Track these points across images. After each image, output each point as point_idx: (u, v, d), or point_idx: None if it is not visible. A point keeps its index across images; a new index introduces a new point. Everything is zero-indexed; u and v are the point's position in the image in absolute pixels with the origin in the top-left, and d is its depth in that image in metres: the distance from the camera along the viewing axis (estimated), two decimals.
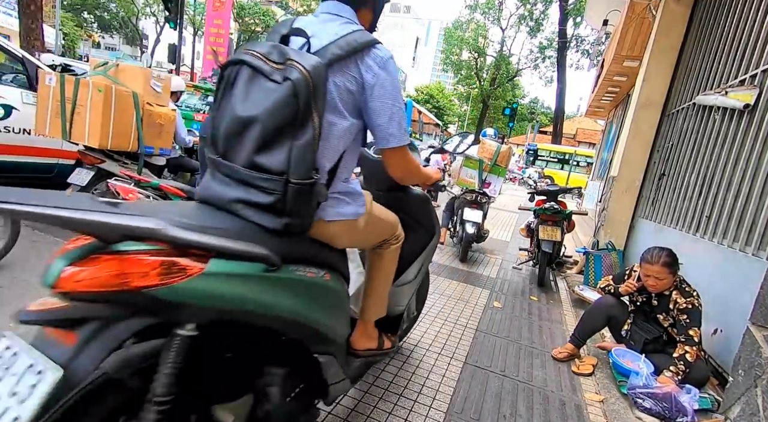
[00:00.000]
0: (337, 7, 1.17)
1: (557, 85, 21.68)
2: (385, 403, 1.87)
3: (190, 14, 26.83)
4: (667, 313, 2.31)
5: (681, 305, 2.21)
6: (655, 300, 2.37)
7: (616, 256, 4.12)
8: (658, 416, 2.00)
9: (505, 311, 3.28)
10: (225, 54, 16.78)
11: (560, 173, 18.79)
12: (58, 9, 18.13)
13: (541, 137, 31.59)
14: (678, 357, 2.13)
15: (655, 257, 2.29)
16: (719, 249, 2.67)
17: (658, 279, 2.27)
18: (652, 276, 2.29)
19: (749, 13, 2.96)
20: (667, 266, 2.25)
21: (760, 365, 1.62)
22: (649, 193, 4.32)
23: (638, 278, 2.41)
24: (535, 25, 26.50)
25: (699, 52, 3.80)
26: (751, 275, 2.17)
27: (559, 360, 2.55)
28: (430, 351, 2.43)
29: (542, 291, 3.97)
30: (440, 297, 3.36)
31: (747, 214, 2.44)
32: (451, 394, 2.02)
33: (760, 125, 2.52)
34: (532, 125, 31.53)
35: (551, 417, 1.98)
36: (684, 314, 2.19)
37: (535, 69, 28.94)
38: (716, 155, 3.04)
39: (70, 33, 22.26)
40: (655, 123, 4.43)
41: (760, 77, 2.62)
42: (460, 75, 35.19)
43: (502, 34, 30.85)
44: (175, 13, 8.34)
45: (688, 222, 3.21)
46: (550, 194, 4.35)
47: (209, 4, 17.47)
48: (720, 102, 3.00)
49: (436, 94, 43.43)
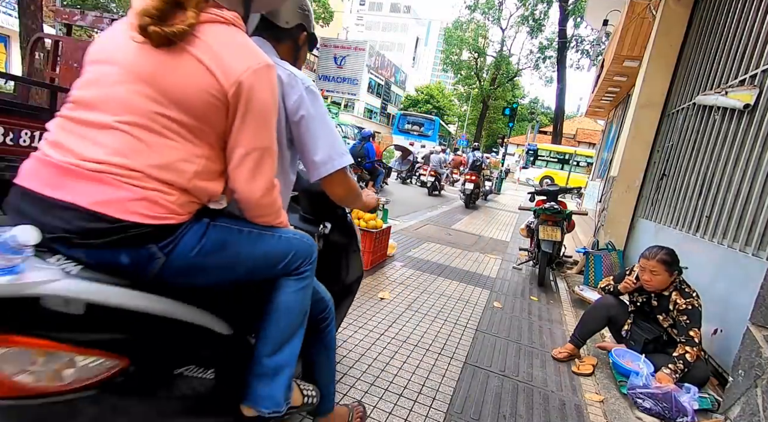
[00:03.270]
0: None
1: (557, 85, 21.68)
2: (385, 403, 1.87)
3: None
4: (666, 314, 2.31)
5: (681, 306, 2.21)
6: (655, 301, 2.37)
7: (616, 256, 4.12)
8: (658, 416, 1.99)
9: (505, 311, 3.28)
10: None
11: (560, 173, 18.81)
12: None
13: (541, 137, 31.60)
14: (678, 357, 2.14)
15: (652, 253, 2.31)
16: (719, 249, 2.67)
17: (653, 274, 2.28)
18: (647, 271, 2.31)
19: (749, 13, 2.96)
20: (664, 263, 2.27)
21: (760, 365, 1.62)
22: (649, 193, 4.32)
23: (637, 276, 2.42)
24: (536, 25, 26.49)
25: (699, 52, 3.80)
26: (751, 275, 2.17)
27: (559, 360, 2.55)
28: (430, 351, 2.43)
29: (542, 291, 3.97)
30: (440, 297, 3.36)
31: (747, 214, 2.44)
32: (451, 394, 2.02)
33: (760, 125, 2.52)
34: (532, 125, 31.48)
35: (551, 417, 1.97)
36: (684, 315, 2.19)
37: (536, 69, 28.92)
38: (716, 155, 3.04)
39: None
40: (655, 123, 4.43)
41: (760, 77, 2.62)
42: (460, 75, 35.21)
43: (502, 34, 30.90)
44: None
45: (688, 222, 3.21)
46: (550, 194, 4.36)
47: None
48: (720, 102, 3.00)
49: (436, 94, 43.46)
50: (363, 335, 2.47)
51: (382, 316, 2.79)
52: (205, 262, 0.96)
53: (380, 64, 42.95)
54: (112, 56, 0.90)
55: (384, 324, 2.68)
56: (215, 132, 0.93)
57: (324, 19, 29.60)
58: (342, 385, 1.94)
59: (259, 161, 0.97)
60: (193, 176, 0.91)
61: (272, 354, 1.12)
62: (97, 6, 29.60)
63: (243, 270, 1.05)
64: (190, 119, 0.89)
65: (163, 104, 0.87)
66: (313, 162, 1.18)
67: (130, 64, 0.87)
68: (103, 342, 0.85)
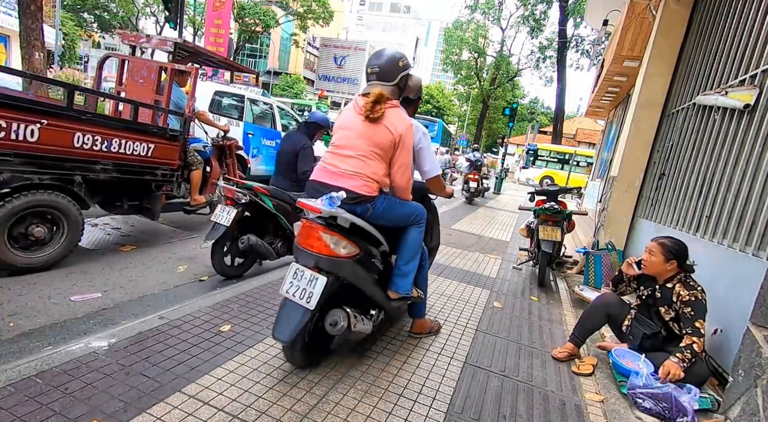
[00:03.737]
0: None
1: (557, 85, 21.68)
2: (385, 403, 1.87)
3: (190, 14, 26.82)
4: (669, 306, 2.33)
5: (684, 298, 2.24)
6: (659, 293, 2.40)
7: (616, 256, 4.12)
8: (658, 416, 2.00)
9: (505, 311, 3.28)
10: (225, 54, 16.76)
11: (560, 173, 18.80)
12: (58, 9, 18.12)
13: (541, 137, 31.58)
14: (685, 346, 2.15)
15: (660, 237, 2.42)
16: (719, 249, 2.67)
17: (650, 255, 2.37)
18: (648, 251, 2.41)
19: (749, 13, 2.96)
20: (662, 246, 2.34)
21: (760, 365, 1.62)
22: (649, 193, 4.32)
23: (639, 264, 2.49)
24: (536, 25, 26.49)
25: (699, 52, 3.80)
26: (751, 275, 2.17)
27: (559, 359, 2.55)
28: (430, 351, 2.43)
29: (542, 291, 3.97)
30: (440, 297, 3.36)
31: (747, 214, 2.44)
32: (451, 394, 2.02)
33: (760, 125, 2.52)
34: (532, 125, 31.49)
35: (551, 417, 1.97)
36: (688, 307, 2.22)
37: (536, 69, 28.91)
38: (716, 155, 3.04)
39: (70, 33, 22.20)
40: (655, 123, 4.43)
41: (760, 77, 2.62)
42: (460, 75, 35.19)
43: (502, 34, 30.89)
44: (175, 13, 8.32)
45: (688, 222, 3.21)
46: (550, 194, 4.35)
47: (209, 4, 17.47)
48: (720, 102, 3.00)
49: (436, 94, 43.43)
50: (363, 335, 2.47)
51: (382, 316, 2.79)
52: (383, 212, 2.04)
53: None
54: (350, 125, 2.02)
55: (384, 323, 2.68)
56: (388, 157, 2.02)
57: (324, 19, 29.59)
58: (342, 385, 1.94)
59: (404, 170, 2.06)
60: (381, 176, 2.00)
61: (404, 264, 2.20)
62: (97, 6, 29.64)
63: (396, 218, 2.13)
64: (382, 152, 1.98)
65: (372, 146, 1.97)
66: (423, 171, 2.33)
67: (357, 129, 1.99)
68: (353, 239, 1.94)
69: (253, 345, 2.18)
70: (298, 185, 3.57)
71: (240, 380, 1.86)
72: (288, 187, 3.54)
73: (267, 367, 1.99)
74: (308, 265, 1.85)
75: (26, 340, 2.13)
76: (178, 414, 1.59)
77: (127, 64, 4.19)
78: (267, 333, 2.32)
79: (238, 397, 1.74)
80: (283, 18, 31.38)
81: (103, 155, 3.09)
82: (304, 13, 29.31)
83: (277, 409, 1.71)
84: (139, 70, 4.04)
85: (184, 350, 2.02)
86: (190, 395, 1.71)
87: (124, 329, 2.13)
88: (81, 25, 27.74)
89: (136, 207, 3.69)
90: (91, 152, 3.01)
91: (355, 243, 1.93)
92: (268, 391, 1.81)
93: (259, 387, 1.84)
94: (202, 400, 1.69)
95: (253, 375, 1.91)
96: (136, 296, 2.80)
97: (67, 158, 2.89)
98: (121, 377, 1.76)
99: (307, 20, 29.69)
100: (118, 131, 3.18)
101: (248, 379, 1.88)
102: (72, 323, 2.37)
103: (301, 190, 3.63)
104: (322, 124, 3.76)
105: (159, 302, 2.77)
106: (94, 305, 2.60)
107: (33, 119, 2.65)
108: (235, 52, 30.00)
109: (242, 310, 2.56)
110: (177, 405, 1.63)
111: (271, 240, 3.41)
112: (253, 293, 2.86)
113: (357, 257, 1.94)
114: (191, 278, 3.25)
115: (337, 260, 1.87)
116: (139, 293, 2.86)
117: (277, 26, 30.99)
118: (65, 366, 1.77)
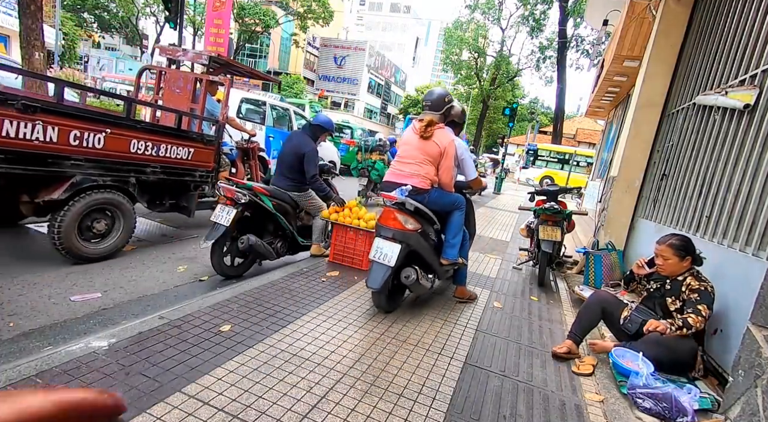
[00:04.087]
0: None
1: (557, 85, 21.66)
2: (385, 403, 1.87)
3: (190, 14, 26.79)
4: (677, 296, 2.38)
5: (694, 287, 2.29)
6: (669, 285, 2.45)
7: (616, 256, 4.11)
8: (658, 416, 1.99)
9: (505, 311, 3.28)
10: (225, 54, 16.75)
11: (560, 173, 18.80)
12: (58, 9, 18.12)
13: (541, 137, 31.59)
14: (681, 318, 2.22)
15: (664, 238, 2.45)
16: (719, 249, 2.67)
17: (664, 259, 2.40)
18: (659, 256, 2.44)
19: (749, 13, 2.95)
20: (672, 247, 2.38)
21: (760, 365, 1.62)
22: (649, 193, 4.32)
23: (650, 263, 2.54)
24: (536, 25, 26.47)
25: (699, 52, 3.80)
26: (751, 275, 2.17)
27: (558, 355, 2.55)
28: (430, 351, 2.43)
29: (542, 291, 3.97)
30: (440, 297, 3.36)
31: (747, 214, 2.44)
32: (451, 394, 2.02)
33: (760, 125, 2.52)
34: (532, 125, 31.48)
35: (551, 417, 1.97)
36: (695, 293, 2.27)
37: (537, 69, 28.88)
38: (716, 155, 3.03)
39: (70, 33, 22.18)
40: (655, 123, 4.43)
41: (760, 77, 2.62)
42: (460, 75, 35.15)
43: (502, 34, 30.84)
44: (175, 13, 8.31)
45: (689, 222, 3.21)
46: (550, 194, 4.35)
47: (209, 4, 17.44)
48: (720, 102, 3.00)
49: None
50: (363, 335, 2.48)
51: (382, 316, 2.80)
52: (435, 200, 2.91)
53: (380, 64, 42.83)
54: (410, 141, 2.97)
55: (384, 324, 2.68)
56: (436, 163, 2.90)
57: (324, 19, 29.57)
58: (342, 385, 1.94)
59: (448, 171, 2.93)
60: (432, 175, 2.90)
61: (452, 238, 2.99)
62: (97, 6, 29.63)
63: (444, 204, 2.98)
64: (432, 159, 2.89)
65: (425, 155, 2.89)
66: (466, 175, 3.18)
67: (415, 144, 2.93)
68: (416, 218, 2.77)
69: (253, 345, 2.18)
70: (299, 185, 3.58)
71: (240, 380, 1.86)
72: (288, 187, 3.55)
73: (267, 367, 1.99)
74: (387, 237, 2.65)
75: (26, 340, 2.13)
76: (178, 414, 1.59)
77: (163, 75, 4.50)
78: (267, 332, 2.32)
79: (238, 397, 1.74)
80: (283, 18, 31.37)
81: (153, 159, 3.50)
82: (304, 13, 29.27)
83: (277, 409, 1.71)
84: (176, 80, 4.37)
85: (184, 350, 2.03)
86: (190, 395, 1.71)
87: (124, 329, 2.13)
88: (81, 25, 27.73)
89: (174, 205, 4.01)
90: (143, 156, 3.41)
91: (418, 221, 2.75)
92: (268, 391, 1.81)
93: (259, 387, 1.84)
94: (202, 400, 1.69)
95: (253, 375, 1.91)
96: (136, 297, 2.80)
97: (125, 162, 3.30)
98: (121, 377, 1.76)
99: (307, 20, 29.66)
100: (165, 137, 3.59)
101: (248, 379, 1.88)
102: (72, 323, 2.37)
103: (301, 190, 3.64)
104: (326, 127, 3.77)
105: (159, 302, 2.77)
106: (94, 305, 2.60)
107: (100, 128, 3.04)
108: (235, 52, 30.00)
109: (242, 310, 2.56)
110: (177, 405, 1.63)
111: (271, 240, 3.41)
112: (253, 293, 2.86)
113: (420, 231, 2.74)
114: (191, 278, 3.25)
115: (406, 232, 2.66)
116: (139, 293, 2.86)
117: (277, 26, 30.97)
118: (65, 366, 1.77)
